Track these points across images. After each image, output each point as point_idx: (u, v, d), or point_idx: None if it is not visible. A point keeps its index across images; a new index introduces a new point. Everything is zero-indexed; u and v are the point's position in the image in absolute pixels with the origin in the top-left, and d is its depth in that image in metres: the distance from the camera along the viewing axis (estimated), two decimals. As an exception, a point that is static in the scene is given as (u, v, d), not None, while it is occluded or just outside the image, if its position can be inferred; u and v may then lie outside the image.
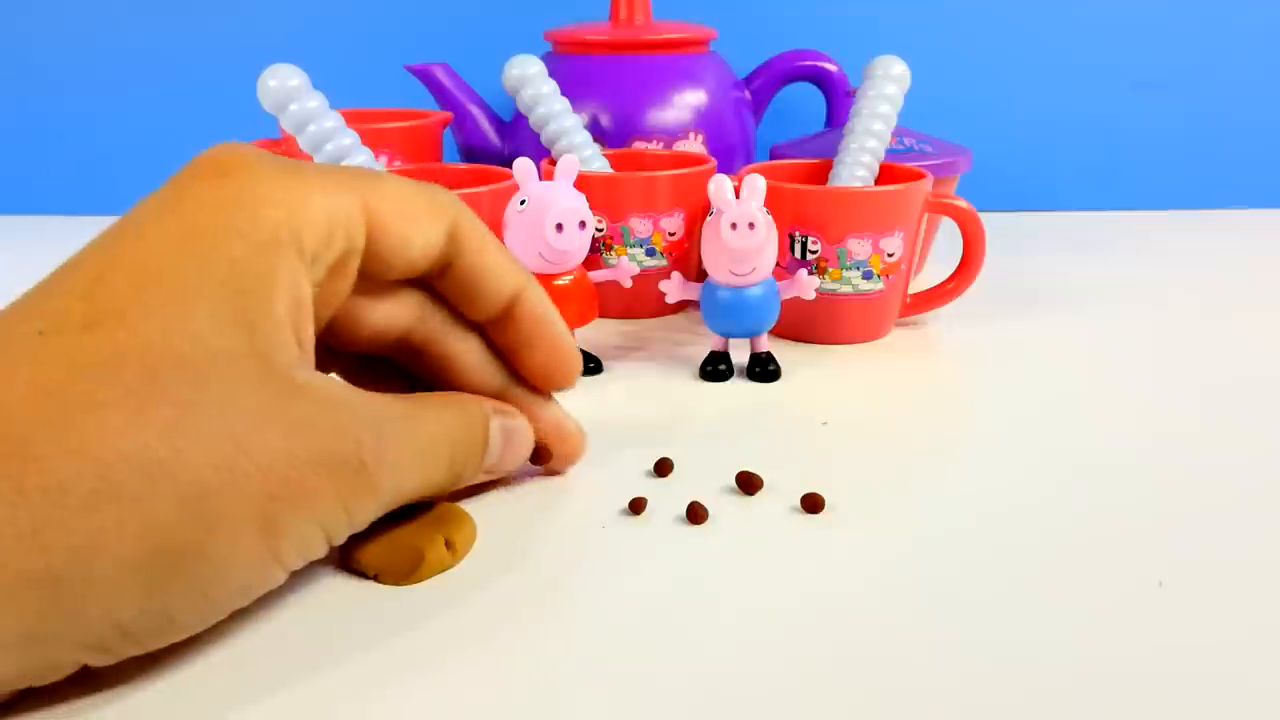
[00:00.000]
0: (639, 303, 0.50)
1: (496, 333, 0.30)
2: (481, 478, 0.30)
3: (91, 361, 0.21)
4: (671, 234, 0.50)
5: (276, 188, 0.24)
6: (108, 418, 0.20)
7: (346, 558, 0.28)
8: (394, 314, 0.29)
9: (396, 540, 0.28)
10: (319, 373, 0.24)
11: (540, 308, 0.30)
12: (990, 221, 0.48)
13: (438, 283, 0.29)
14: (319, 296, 0.26)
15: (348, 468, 0.23)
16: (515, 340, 0.30)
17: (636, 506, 0.31)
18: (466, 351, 0.30)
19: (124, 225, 0.24)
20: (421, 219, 0.27)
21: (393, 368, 0.31)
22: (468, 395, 0.30)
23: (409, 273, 0.28)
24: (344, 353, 0.30)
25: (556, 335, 0.31)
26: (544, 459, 0.32)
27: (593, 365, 0.44)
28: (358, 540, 0.28)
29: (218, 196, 0.24)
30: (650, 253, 0.50)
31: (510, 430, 0.30)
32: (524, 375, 0.31)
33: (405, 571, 0.27)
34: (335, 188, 0.25)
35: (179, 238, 0.23)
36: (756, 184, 0.40)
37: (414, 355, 0.30)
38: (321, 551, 0.24)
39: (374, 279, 0.27)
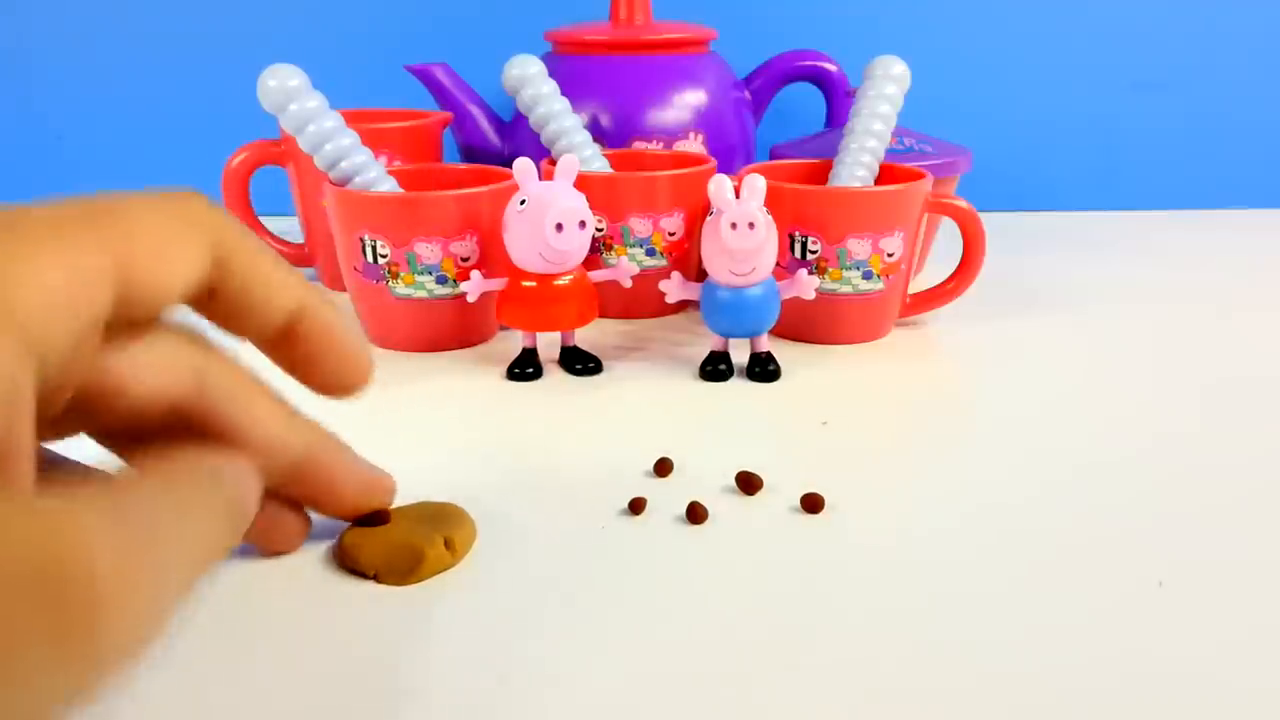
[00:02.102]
0: (639, 303, 0.50)
1: (278, 350, 0.26)
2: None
3: None
4: (671, 234, 0.50)
5: None
6: None
7: (346, 558, 0.28)
8: (162, 378, 0.24)
9: (396, 540, 0.28)
10: (21, 484, 0.19)
11: (326, 321, 0.26)
12: (990, 221, 0.48)
13: (204, 308, 0.25)
14: (52, 378, 0.21)
15: (60, 605, 0.17)
16: (300, 356, 0.26)
17: (636, 506, 0.31)
18: (261, 418, 0.25)
19: None
20: (178, 250, 0.22)
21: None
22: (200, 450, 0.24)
23: (168, 309, 0.23)
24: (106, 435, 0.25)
25: (345, 346, 0.27)
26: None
27: (593, 365, 0.44)
28: (358, 540, 0.28)
29: None
30: (650, 253, 0.50)
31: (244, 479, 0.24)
32: (310, 387, 0.27)
33: (405, 571, 0.27)
34: (75, 247, 0.20)
35: None
36: (756, 184, 0.40)
37: (193, 430, 0.25)
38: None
39: (127, 328, 0.23)
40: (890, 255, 0.45)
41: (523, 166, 0.41)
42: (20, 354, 0.19)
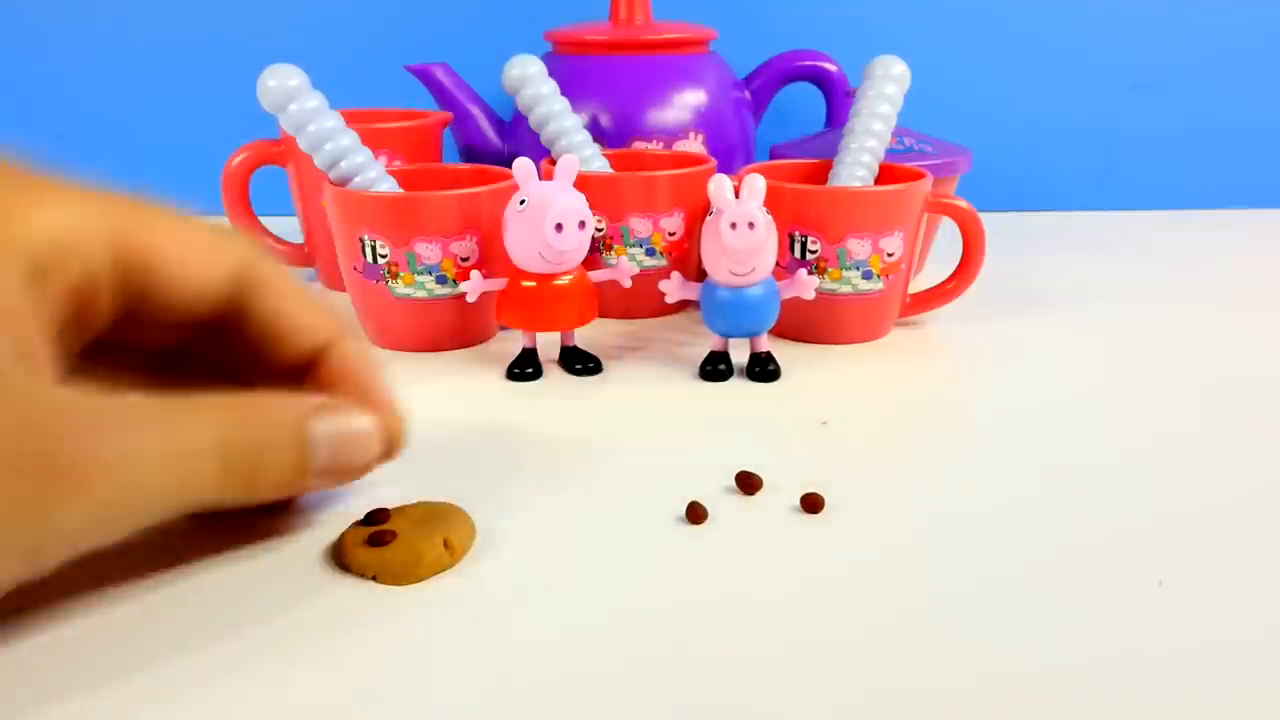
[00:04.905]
0: (639, 303, 0.50)
1: (305, 378, 0.28)
2: (316, 485, 0.27)
3: None
4: (671, 234, 0.50)
5: (4, 199, 0.23)
6: None
7: (344, 558, 0.28)
8: (205, 274, 0.25)
9: (395, 540, 0.28)
10: (37, 374, 0.22)
11: (352, 363, 0.28)
12: (990, 221, 0.48)
13: (230, 327, 0.27)
14: (70, 321, 0.24)
15: (37, 468, 0.21)
16: (322, 390, 0.28)
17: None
18: (293, 307, 0.27)
19: None
20: (198, 261, 0.24)
21: (204, 369, 0.29)
22: (275, 399, 0.26)
23: (188, 315, 0.26)
24: (149, 352, 0.28)
25: (370, 392, 0.28)
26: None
27: (593, 365, 0.44)
28: (356, 540, 0.28)
29: None
30: (650, 253, 0.50)
31: (341, 434, 0.27)
32: None
33: (404, 571, 0.27)
34: (82, 211, 0.23)
35: None
36: (756, 184, 0.40)
37: (234, 324, 0.27)
38: (27, 572, 0.22)
39: (149, 317, 0.25)
40: (890, 255, 0.45)
41: (523, 166, 0.41)
42: (20, 279, 0.22)
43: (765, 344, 0.43)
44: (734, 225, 0.39)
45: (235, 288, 0.25)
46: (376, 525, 0.29)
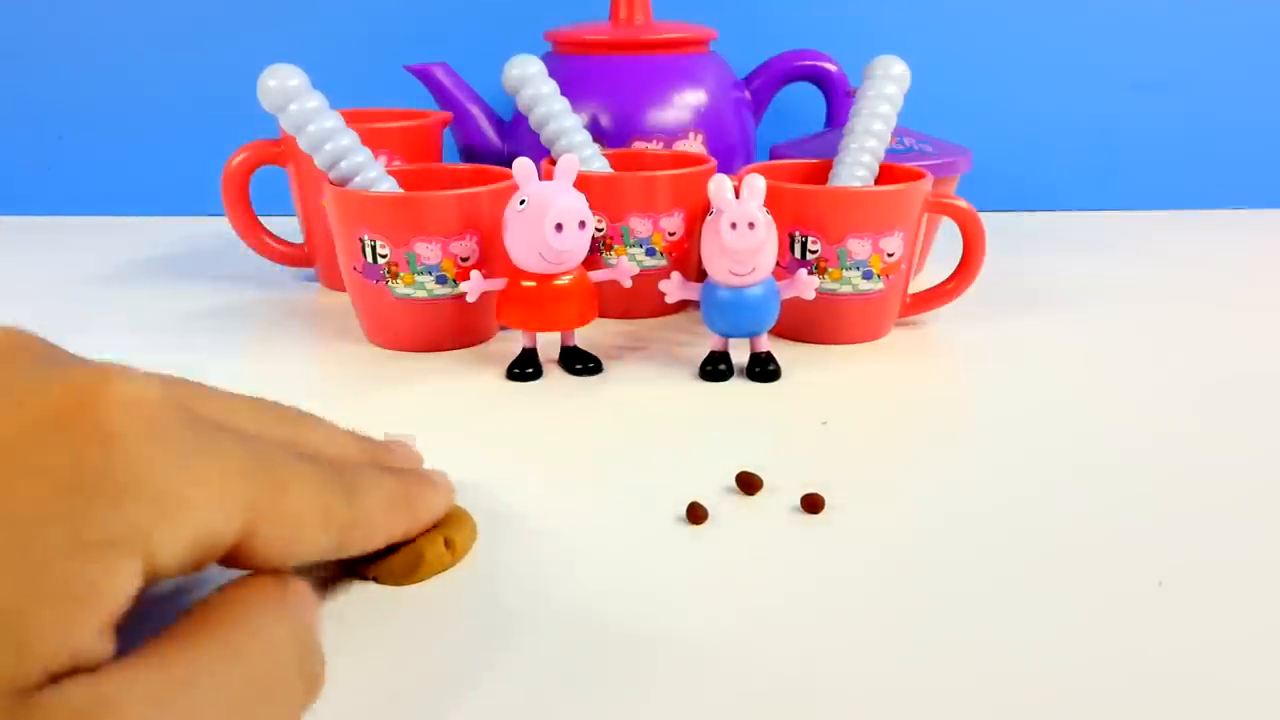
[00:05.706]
0: (639, 303, 0.50)
1: None
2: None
3: None
4: (671, 234, 0.50)
5: (154, 473, 0.19)
6: None
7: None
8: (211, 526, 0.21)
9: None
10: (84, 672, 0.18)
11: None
12: (990, 221, 0.48)
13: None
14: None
15: None
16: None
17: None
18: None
19: None
20: (305, 541, 0.23)
21: None
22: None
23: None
24: None
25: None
26: None
27: (593, 365, 0.44)
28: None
29: (76, 463, 0.18)
30: (650, 253, 0.50)
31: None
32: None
33: (405, 571, 0.27)
34: (223, 489, 0.20)
35: None
36: (756, 184, 0.40)
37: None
38: None
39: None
40: (890, 255, 0.45)
41: (523, 166, 0.41)
42: (141, 567, 0.19)
43: (765, 344, 0.43)
44: (734, 225, 0.39)
45: (333, 550, 0.24)
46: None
